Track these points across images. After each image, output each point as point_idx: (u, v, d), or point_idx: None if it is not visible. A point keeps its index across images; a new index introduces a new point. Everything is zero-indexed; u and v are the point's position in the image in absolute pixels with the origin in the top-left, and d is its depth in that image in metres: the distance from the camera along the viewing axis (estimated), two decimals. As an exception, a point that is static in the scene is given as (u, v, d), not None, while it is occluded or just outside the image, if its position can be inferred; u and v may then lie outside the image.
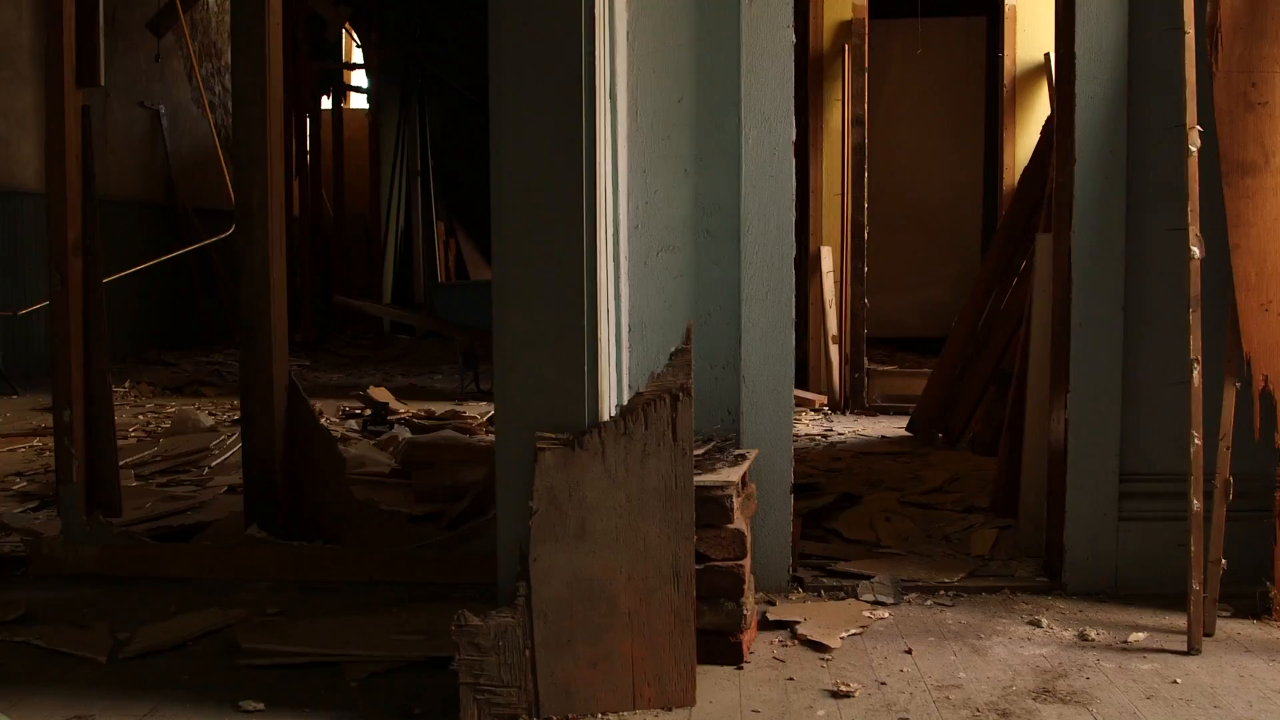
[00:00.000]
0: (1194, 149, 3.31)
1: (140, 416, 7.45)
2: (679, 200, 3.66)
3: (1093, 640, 3.28)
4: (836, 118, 7.93)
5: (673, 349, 2.74)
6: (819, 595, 3.67)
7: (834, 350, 7.75)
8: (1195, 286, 3.29)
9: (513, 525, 2.74)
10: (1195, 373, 3.27)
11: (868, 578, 3.72)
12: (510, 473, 2.75)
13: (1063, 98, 3.74)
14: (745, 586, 3.05)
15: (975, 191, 10.18)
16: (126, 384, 8.92)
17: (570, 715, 2.71)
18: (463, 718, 2.68)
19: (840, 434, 6.72)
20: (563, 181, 2.73)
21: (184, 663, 3.13)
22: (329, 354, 11.84)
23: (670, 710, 2.76)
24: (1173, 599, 3.50)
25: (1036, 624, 3.41)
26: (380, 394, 6.68)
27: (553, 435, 2.71)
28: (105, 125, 11.09)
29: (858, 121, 7.59)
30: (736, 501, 3.06)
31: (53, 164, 4.04)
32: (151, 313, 11.66)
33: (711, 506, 3.00)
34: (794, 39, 3.67)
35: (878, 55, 9.28)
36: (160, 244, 11.04)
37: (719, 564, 3.02)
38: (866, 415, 7.47)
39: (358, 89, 14.43)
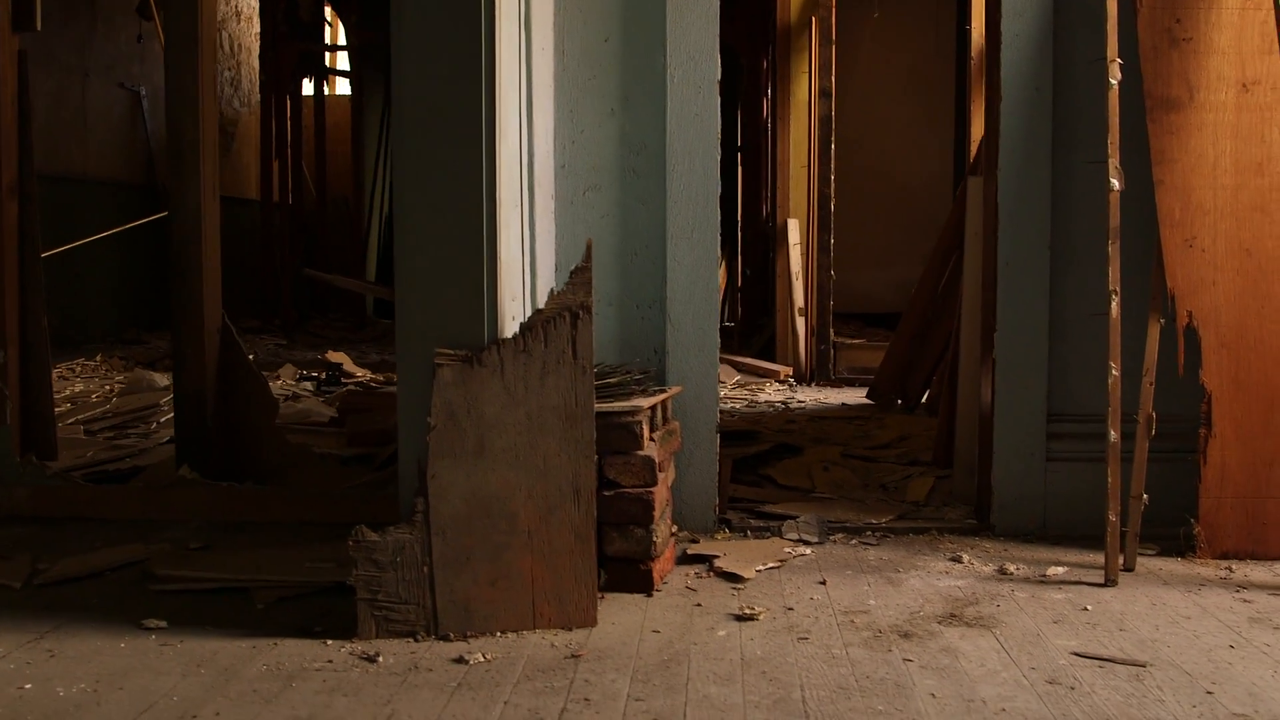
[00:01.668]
0: (1114, 82, 3.30)
1: (106, 386, 7.44)
2: (605, 140, 3.66)
3: (1011, 574, 3.27)
4: (804, 90, 7.91)
5: (573, 267, 2.74)
6: (745, 535, 3.66)
7: (800, 323, 7.73)
8: (1115, 218, 3.28)
9: (412, 442, 2.74)
10: (1114, 304, 3.26)
11: (795, 518, 3.72)
12: (410, 389, 2.75)
13: (990, 37, 3.73)
14: (655, 514, 3.04)
15: (947, 168, 10.17)
16: (98, 358, 8.91)
17: (469, 633, 2.71)
18: (360, 633, 2.68)
19: (801, 401, 6.71)
20: (461, 101, 2.72)
21: (98, 589, 3.12)
22: (308, 335, 11.81)
23: (570, 630, 2.75)
24: (1099, 539, 3.47)
25: (957, 560, 3.41)
26: (337, 357, 6.68)
27: (451, 352, 2.71)
28: (85, 105, 11.09)
29: (825, 93, 7.57)
30: (647, 429, 3.06)
31: (-12, 108, 4.04)
32: (132, 294, 11.65)
33: (621, 432, 2.99)
34: (720, -23, 3.67)
35: (850, 34, 9.28)
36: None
37: (629, 490, 3.01)
38: (832, 386, 7.45)
39: (342, 73, 14.40)
